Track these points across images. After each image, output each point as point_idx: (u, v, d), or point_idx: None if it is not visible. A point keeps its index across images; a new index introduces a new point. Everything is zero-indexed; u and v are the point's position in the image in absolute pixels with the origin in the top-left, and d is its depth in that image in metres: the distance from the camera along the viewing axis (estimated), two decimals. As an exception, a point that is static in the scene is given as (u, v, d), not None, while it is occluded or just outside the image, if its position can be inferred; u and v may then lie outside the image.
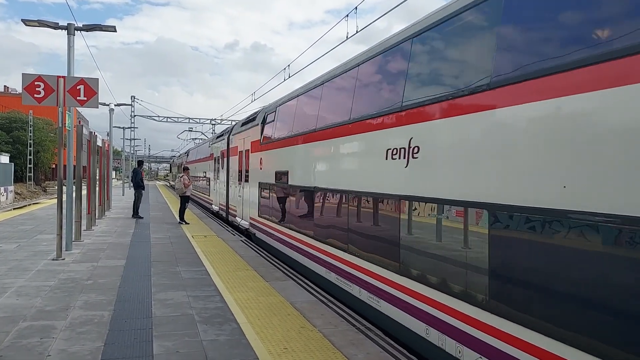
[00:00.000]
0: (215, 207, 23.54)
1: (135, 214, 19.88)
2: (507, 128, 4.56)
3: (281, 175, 11.74)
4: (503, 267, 4.48)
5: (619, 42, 3.53)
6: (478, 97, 4.93)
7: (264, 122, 14.09)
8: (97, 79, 10.93)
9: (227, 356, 5.18)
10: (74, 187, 12.20)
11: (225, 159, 20.46)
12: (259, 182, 13.87)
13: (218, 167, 22.46)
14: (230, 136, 19.50)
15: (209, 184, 26.05)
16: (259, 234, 14.18)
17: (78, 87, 10.66)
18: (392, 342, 5.72)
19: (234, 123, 23.12)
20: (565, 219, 3.79)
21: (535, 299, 4.13)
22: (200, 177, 31.59)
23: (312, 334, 5.91)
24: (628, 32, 3.47)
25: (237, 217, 17.56)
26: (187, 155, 42.84)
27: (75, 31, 12.05)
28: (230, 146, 19.22)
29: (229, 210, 19.40)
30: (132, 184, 22.24)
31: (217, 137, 24.32)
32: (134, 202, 20.21)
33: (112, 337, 5.69)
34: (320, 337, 5.78)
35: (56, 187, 14.77)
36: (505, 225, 4.45)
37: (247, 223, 15.70)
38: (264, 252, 12.12)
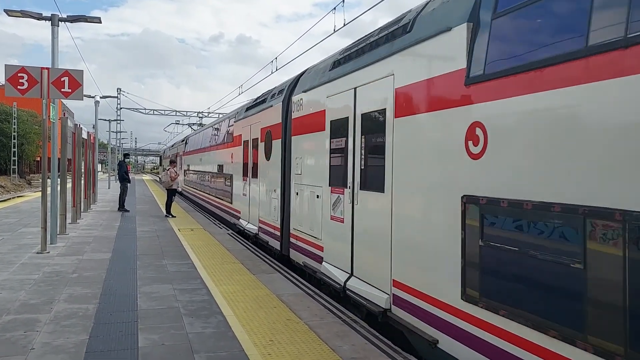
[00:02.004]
0: (250, 227, 13.50)
1: (121, 207, 19.75)
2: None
3: None
4: None
5: None
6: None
7: None
8: (82, 70, 10.81)
9: (213, 348, 5.19)
10: (58, 180, 12.09)
11: (279, 142, 10.90)
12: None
13: (254, 158, 13.05)
14: (299, 97, 9.74)
15: (231, 186, 16.42)
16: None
17: (62, 79, 10.54)
18: (377, 334, 5.76)
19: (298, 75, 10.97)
20: None
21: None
22: (210, 174, 21.49)
23: (298, 326, 5.94)
24: None
25: (328, 264, 8.10)
26: (186, 143, 32.79)
27: (60, 22, 11.90)
28: (297, 115, 9.79)
29: (296, 237, 9.78)
30: (117, 177, 22.07)
31: (254, 104, 13.89)
32: (120, 195, 20.07)
33: (97, 330, 5.67)
34: (306, 330, 5.81)
35: (41, 180, 14.58)
36: None
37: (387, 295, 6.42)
38: (250, 245, 12.12)
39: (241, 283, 8.05)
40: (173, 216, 17.85)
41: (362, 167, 6.95)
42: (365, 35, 7.57)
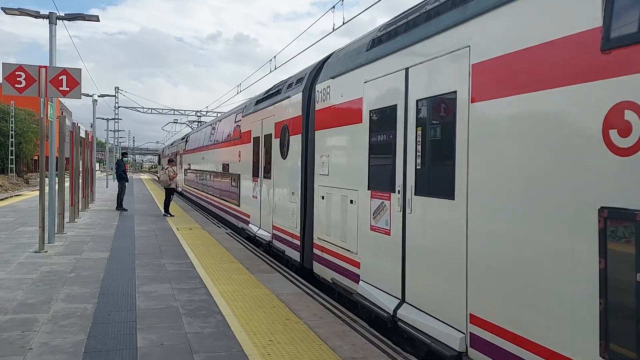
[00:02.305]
0: (262, 233, 12.03)
1: (119, 206, 19.70)
2: None
3: None
4: None
5: None
6: None
7: None
8: (80, 69, 10.77)
9: (212, 348, 5.16)
10: (56, 179, 12.04)
11: (298, 137, 9.52)
12: None
13: (267, 156, 11.67)
14: (325, 85, 8.44)
15: (238, 187, 14.90)
16: None
17: (60, 78, 10.50)
18: (377, 334, 5.74)
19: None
20: None
21: None
22: (213, 173, 19.97)
23: (298, 326, 5.92)
24: None
25: (368, 285, 6.80)
26: (186, 141, 30.95)
27: (58, 20, 11.84)
28: (323, 106, 8.49)
29: (321, 249, 8.51)
30: (115, 176, 22.01)
31: (266, 97, 12.43)
32: (118, 194, 20.02)
33: (96, 330, 5.63)
34: (306, 329, 5.79)
35: (38, 179, 14.54)
36: None
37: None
38: (250, 244, 12.09)
39: (240, 282, 8.02)
40: (171, 215, 17.80)
41: (418, 167, 5.50)
42: (416, 6, 6.19)
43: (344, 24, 12.31)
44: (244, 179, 14.14)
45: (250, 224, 13.19)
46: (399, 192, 5.86)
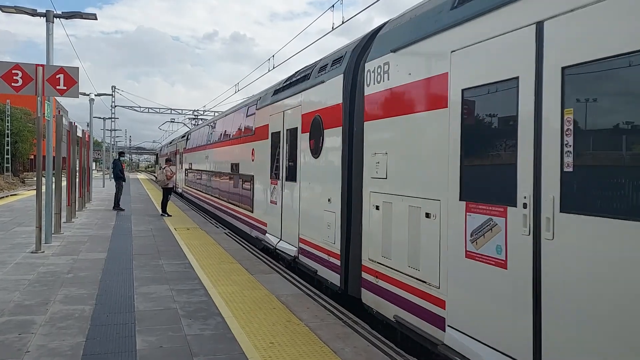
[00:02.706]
0: (284, 246, 10.12)
1: (116, 206, 19.60)
2: None
3: None
4: None
5: None
6: None
7: None
8: (77, 67, 10.68)
9: (212, 351, 5.09)
10: (53, 178, 11.94)
11: (337, 131, 7.87)
12: None
13: (291, 154, 9.84)
14: (382, 62, 6.58)
15: (251, 190, 12.93)
16: None
17: (57, 76, 10.41)
18: (379, 336, 5.68)
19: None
20: None
21: None
22: (219, 174, 17.95)
23: (299, 327, 5.85)
24: None
25: (468, 338, 4.73)
26: (187, 139, 28.95)
27: (55, 19, 11.76)
28: (379, 89, 6.59)
29: (375, 274, 6.58)
30: (112, 176, 21.90)
31: (288, 84, 10.63)
32: (115, 193, 19.91)
33: (94, 332, 5.55)
34: (307, 331, 5.72)
35: (34, 179, 14.40)
36: None
37: None
38: (248, 244, 12.01)
39: (239, 283, 7.95)
40: (169, 215, 17.70)
41: (569, 169, 3.69)
42: None
43: (343, 22, 12.25)
44: (258, 181, 12.11)
45: (267, 234, 11.02)
46: (524, 206, 4.07)
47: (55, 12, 11.83)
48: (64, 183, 15.49)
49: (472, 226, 4.68)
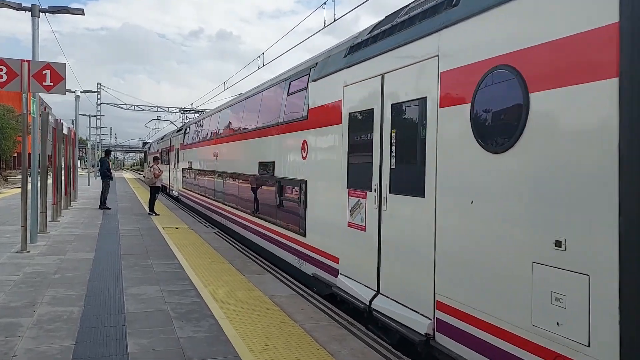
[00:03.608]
0: (394, 309, 5.81)
1: (103, 204, 19.31)
2: None
3: None
4: None
5: None
6: None
7: None
8: (64, 63, 10.47)
9: (206, 354, 4.97)
10: (38, 176, 11.70)
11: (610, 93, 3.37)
12: None
13: (409, 146, 5.77)
14: None
15: (300, 202, 9.02)
16: None
17: (44, 72, 10.18)
18: (376, 338, 5.60)
19: None
20: None
21: None
22: (237, 176, 13.81)
23: (294, 329, 5.75)
24: None
25: None
26: (185, 133, 24.69)
27: (40, 13, 11.50)
28: None
29: None
30: (99, 174, 21.59)
31: (408, 17, 6.06)
32: (102, 192, 19.62)
33: (84, 335, 5.40)
34: (302, 333, 5.63)
35: (18, 177, 14.04)
36: None
37: None
38: (239, 244, 11.87)
39: (231, 284, 7.82)
40: (156, 214, 17.48)
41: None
42: None
43: (335, 20, 12.16)
44: (317, 191, 8.31)
45: (342, 276, 7.17)
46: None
47: (41, 7, 11.58)
48: (49, 181, 15.22)
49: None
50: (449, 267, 4.91)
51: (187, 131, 24.59)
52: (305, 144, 8.82)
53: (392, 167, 5.97)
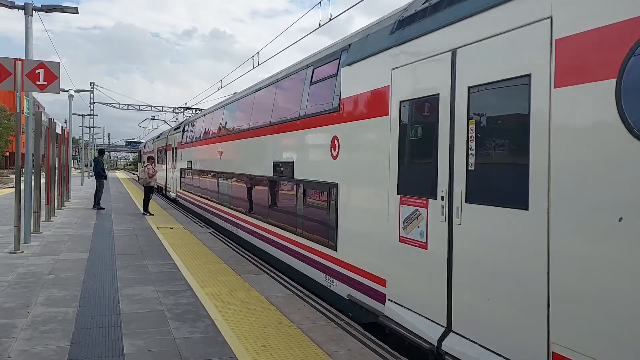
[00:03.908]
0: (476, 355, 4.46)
1: (97, 204, 19.20)
2: None
3: None
4: None
5: None
6: None
7: None
8: (58, 62, 10.40)
9: (203, 355, 4.94)
10: (32, 176, 11.60)
11: None
12: None
13: (516, 137, 4.21)
14: None
15: (328, 209, 7.64)
16: None
17: (37, 71, 10.11)
18: (373, 338, 5.59)
19: None
20: None
21: None
22: (243, 177, 12.69)
23: (291, 329, 5.73)
24: None
25: None
26: (184, 131, 23.05)
27: (34, 12, 11.42)
28: None
29: None
30: (93, 173, 21.45)
31: None
32: (95, 192, 19.51)
33: (79, 336, 5.36)
34: (299, 333, 5.61)
35: (10, 176, 13.92)
36: None
37: None
38: (234, 244, 11.82)
39: (227, 284, 7.79)
40: (151, 214, 17.40)
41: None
42: None
43: (330, 20, 12.14)
44: (352, 196, 6.98)
45: (392, 304, 5.80)
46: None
47: (34, 5, 11.50)
48: (42, 181, 15.12)
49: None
50: (575, 309, 3.58)
51: (186, 129, 22.88)
52: (335, 141, 7.44)
53: (469, 168, 4.60)
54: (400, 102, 5.73)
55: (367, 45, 6.81)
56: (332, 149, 7.52)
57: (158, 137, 36.76)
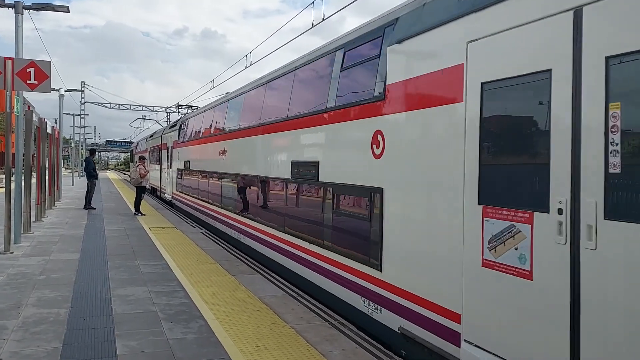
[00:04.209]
0: None
1: (88, 204, 19.07)
2: None
3: None
4: None
5: None
6: None
7: None
8: (49, 61, 10.32)
9: (197, 356, 4.92)
10: (22, 176, 11.50)
11: None
12: None
13: None
14: None
15: (380, 220, 5.95)
16: None
17: (28, 70, 10.02)
18: (367, 337, 5.60)
19: None
20: None
21: None
22: (253, 179, 11.14)
23: (285, 330, 5.72)
24: None
25: None
26: (181, 128, 21.39)
27: (24, 10, 11.31)
28: None
29: None
30: (84, 173, 21.29)
31: None
32: (87, 192, 19.37)
33: (71, 337, 5.32)
34: (293, 334, 5.59)
35: (0, 176, 13.84)
36: None
37: None
38: (226, 244, 11.78)
39: (220, 285, 7.76)
40: (142, 214, 17.31)
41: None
42: None
43: (323, 20, 12.13)
44: (405, 205, 5.64)
45: (472, 347, 4.45)
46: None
47: (24, 4, 11.39)
48: (33, 181, 14.99)
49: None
50: None
51: (183, 127, 20.95)
52: (379, 136, 6.06)
53: (610, 170, 3.31)
54: (483, 84, 4.41)
55: (424, 17, 5.45)
56: (374, 146, 6.15)
57: (151, 135, 34.49)
